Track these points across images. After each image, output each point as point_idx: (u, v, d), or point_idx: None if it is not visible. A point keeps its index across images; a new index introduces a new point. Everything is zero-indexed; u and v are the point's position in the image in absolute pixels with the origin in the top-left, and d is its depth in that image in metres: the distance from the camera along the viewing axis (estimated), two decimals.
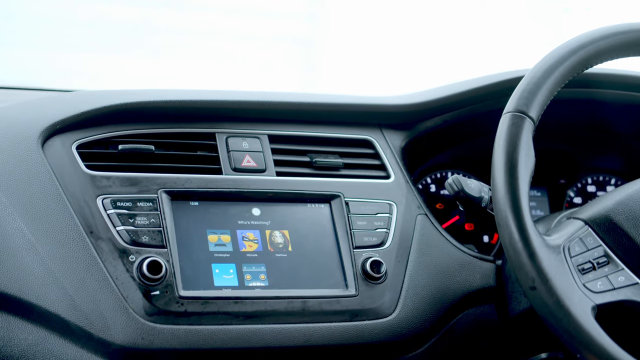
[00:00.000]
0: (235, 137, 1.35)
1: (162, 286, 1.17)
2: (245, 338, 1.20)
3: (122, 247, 1.18)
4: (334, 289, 1.26)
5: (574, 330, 1.04)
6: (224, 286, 1.21)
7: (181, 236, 1.22)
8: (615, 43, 1.18)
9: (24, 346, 1.17)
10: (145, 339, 1.15)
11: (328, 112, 1.44)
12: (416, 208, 1.39)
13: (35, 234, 1.18)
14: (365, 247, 1.31)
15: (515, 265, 1.06)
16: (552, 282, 1.05)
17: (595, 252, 1.16)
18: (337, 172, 1.38)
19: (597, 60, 1.18)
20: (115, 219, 1.20)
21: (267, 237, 1.27)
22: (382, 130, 1.46)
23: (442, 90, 1.52)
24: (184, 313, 1.18)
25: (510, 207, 1.05)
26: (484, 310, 1.38)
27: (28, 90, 1.82)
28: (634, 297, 1.13)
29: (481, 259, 1.40)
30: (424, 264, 1.34)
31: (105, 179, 1.23)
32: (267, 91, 1.46)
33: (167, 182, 1.25)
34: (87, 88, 1.81)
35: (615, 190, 1.25)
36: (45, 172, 1.22)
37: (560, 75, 1.15)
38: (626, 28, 1.18)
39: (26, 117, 1.29)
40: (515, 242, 1.05)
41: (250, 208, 1.28)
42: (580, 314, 1.05)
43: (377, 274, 1.28)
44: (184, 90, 1.39)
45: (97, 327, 1.15)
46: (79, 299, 1.16)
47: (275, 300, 1.22)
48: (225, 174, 1.31)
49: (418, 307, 1.31)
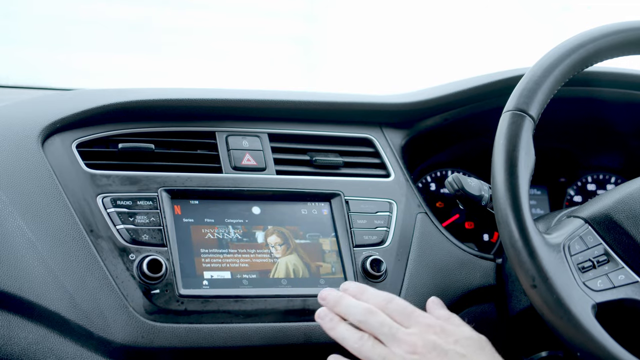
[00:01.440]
0: (235, 136, 1.35)
1: (162, 285, 1.17)
2: (246, 336, 1.20)
3: (122, 246, 1.18)
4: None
5: (574, 328, 1.04)
6: (224, 285, 1.21)
7: (181, 235, 1.22)
8: (615, 41, 1.17)
9: (24, 345, 1.17)
10: (146, 338, 1.15)
11: (328, 111, 1.44)
12: (416, 207, 1.39)
13: (35, 233, 1.18)
14: (366, 246, 1.31)
15: (515, 264, 1.06)
16: (552, 280, 1.05)
17: (595, 250, 1.16)
18: (337, 170, 1.38)
19: (597, 58, 1.18)
20: (115, 217, 1.20)
21: (267, 236, 1.27)
22: (382, 128, 1.46)
23: (442, 88, 1.52)
24: (184, 312, 1.18)
25: (510, 206, 1.05)
26: (484, 309, 1.38)
27: (28, 89, 1.82)
28: (634, 296, 1.13)
29: (481, 258, 1.40)
30: (424, 263, 1.34)
31: (105, 178, 1.23)
32: (267, 90, 1.46)
33: (167, 180, 1.25)
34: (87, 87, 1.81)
35: (615, 188, 1.25)
36: (45, 170, 1.22)
37: (560, 74, 1.15)
38: (626, 26, 1.18)
39: (26, 115, 1.29)
40: (516, 241, 1.05)
41: (250, 207, 1.28)
42: (580, 312, 1.05)
43: (377, 273, 1.28)
44: (184, 89, 1.39)
45: (97, 325, 1.15)
46: (79, 297, 1.16)
47: (275, 298, 1.22)
48: (226, 172, 1.31)
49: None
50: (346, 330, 1.12)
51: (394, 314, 1.12)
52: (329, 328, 1.14)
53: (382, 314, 1.12)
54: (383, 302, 1.14)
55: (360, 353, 1.10)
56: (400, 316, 1.12)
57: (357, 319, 1.12)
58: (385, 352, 1.08)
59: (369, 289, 1.17)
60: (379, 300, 1.14)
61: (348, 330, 1.12)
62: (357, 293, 1.16)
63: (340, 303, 1.15)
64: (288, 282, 1.25)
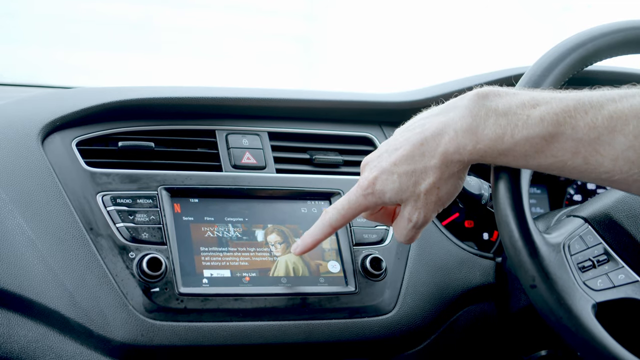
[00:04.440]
0: (235, 134, 1.35)
1: (161, 283, 1.17)
2: (245, 335, 1.20)
3: (122, 244, 1.18)
4: (334, 286, 1.26)
5: (574, 328, 1.03)
6: (224, 283, 1.21)
7: (181, 233, 1.22)
8: (615, 41, 1.17)
9: (23, 343, 1.17)
10: (145, 336, 1.15)
11: (328, 109, 1.44)
12: None
13: (35, 231, 1.18)
14: (365, 244, 1.31)
15: (515, 263, 1.06)
16: (552, 280, 1.05)
17: (595, 250, 1.16)
18: (336, 169, 1.38)
19: (597, 58, 1.18)
20: (115, 215, 1.20)
21: (267, 234, 1.27)
22: (382, 127, 1.46)
23: (442, 87, 1.52)
24: (183, 310, 1.18)
25: (510, 205, 1.05)
26: (484, 308, 1.38)
27: (28, 87, 1.82)
28: (634, 295, 1.13)
29: (481, 256, 1.41)
30: (424, 261, 1.34)
31: (105, 176, 1.23)
32: (267, 88, 1.46)
33: (167, 179, 1.25)
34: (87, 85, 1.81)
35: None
36: (45, 168, 1.22)
37: (559, 73, 1.15)
38: (626, 25, 1.18)
39: (26, 114, 1.29)
40: (515, 240, 1.05)
41: (250, 205, 1.28)
42: (580, 311, 1.04)
43: (377, 271, 1.28)
44: (184, 87, 1.39)
45: (96, 323, 1.15)
46: (79, 295, 1.16)
47: (275, 297, 1.22)
48: (225, 171, 1.31)
49: (418, 304, 1.31)
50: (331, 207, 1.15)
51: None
52: (316, 226, 1.17)
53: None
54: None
55: (357, 199, 1.11)
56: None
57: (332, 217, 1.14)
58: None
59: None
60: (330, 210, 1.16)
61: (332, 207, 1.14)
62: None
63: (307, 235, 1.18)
64: (288, 280, 1.25)
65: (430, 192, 1.05)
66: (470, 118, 0.99)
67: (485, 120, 0.99)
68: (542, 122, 0.96)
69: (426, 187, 1.04)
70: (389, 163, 1.06)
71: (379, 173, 1.07)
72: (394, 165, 1.05)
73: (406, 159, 1.05)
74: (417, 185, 1.05)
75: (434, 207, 1.07)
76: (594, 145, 0.94)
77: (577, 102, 0.95)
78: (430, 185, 1.04)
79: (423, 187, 1.05)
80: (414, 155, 1.04)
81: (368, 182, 1.08)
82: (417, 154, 1.04)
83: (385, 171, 1.06)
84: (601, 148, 0.94)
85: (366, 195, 1.09)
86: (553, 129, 0.95)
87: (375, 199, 1.09)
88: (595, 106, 0.95)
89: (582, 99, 0.96)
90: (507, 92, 1.01)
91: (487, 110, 0.99)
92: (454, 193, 1.06)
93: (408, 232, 1.10)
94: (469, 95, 1.01)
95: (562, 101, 0.97)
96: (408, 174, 1.05)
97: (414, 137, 1.04)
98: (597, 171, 0.95)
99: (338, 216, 1.14)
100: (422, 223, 1.08)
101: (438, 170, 1.03)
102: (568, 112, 0.95)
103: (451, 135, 1.01)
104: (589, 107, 0.95)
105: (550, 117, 0.96)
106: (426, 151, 1.03)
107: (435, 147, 1.02)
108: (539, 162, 0.98)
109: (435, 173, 1.03)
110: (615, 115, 0.93)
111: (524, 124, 0.97)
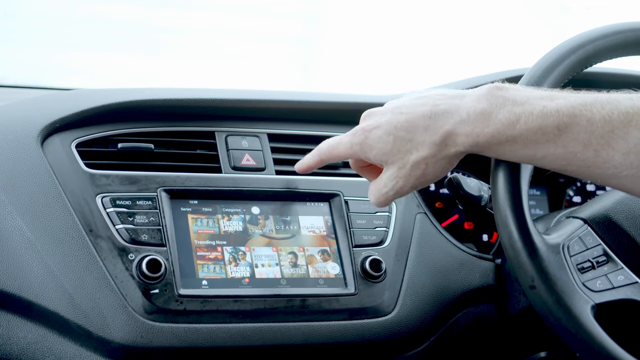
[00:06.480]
0: (234, 136, 1.35)
1: (161, 284, 1.17)
2: (245, 336, 1.20)
3: (122, 246, 1.18)
4: (333, 287, 1.26)
5: (574, 329, 1.04)
6: (224, 285, 1.21)
7: (180, 234, 1.22)
8: (615, 42, 1.17)
9: (23, 344, 1.17)
10: (145, 337, 1.15)
11: (328, 111, 1.44)
12: (415, 207, 1.39)
13: (34, 233, 1.18)
14: (365, 246, 1.31)
15: (514, 264, 1.06)
16: (552, 281, 1.05)
17: (595, 251, 1.17)
18: (336, 170, 1.38)
19: (597, 59, 1.18)
20: (114, 217, 1.20)
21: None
22: None
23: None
24: (183, 311, 1.17)
25: (509, 206, 1.05)
26: (483, 309, 1.38)
27: (27, 88, 1.82)
28: (633, 296, 1.13)
29: (480, 258, 1.41)
30: (424, 263, 1.34)
31: (104, 178, 1.23)
32: (266, 90, 1.46)
33: (167, 180, 1.25)
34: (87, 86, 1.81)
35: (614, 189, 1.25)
36: (45, 170, 1.22)
37: (559, 74, 1.15)
38: (625, 27, 1.18)
39: (25, 115, 1.29)
40: (515, 241, 1.05)
41: (250, 207, 1.28)
42: (579, 313, 1.05)
43: (376, 273, 1.28)
44: (184, 88, 1.39)
45: (96, 325, 1.15)
46: (78, 297, 1.16)
47: (274, 298, 1.22)
48: (225, 172, 1.31)
49: (417, 305, 1.31)
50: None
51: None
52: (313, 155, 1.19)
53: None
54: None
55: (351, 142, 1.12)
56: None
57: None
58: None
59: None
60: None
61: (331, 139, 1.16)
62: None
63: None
64: (287, 282, 1.25)
65: (417, 166, 1.05)
66: (486, 104, 1.00)
67: (501, 107, 1.00)
68: (558, 113, 0.97)
69: (416, 159, 1.05)
70: (389, 123, 1.06)
71: (375, 127, 1.08)
72: (394, 127, 1.06)
73: (408, 127, 1.05)
74: (408, 153, 1.05)
75: (415, 182, 1.07)
76: (607, 138, 0.95)
77: (594, 98, 0.97)
78: (420, 159, 1.04)
79: (413, 157, 1.05)
80: (416, 126, 1.04)
81: (360, 132, 1.09)
82: (420, 125, 1.04)
83: (383, 129, 1.07)
84: (614, 141, 0.94)
85: (352, 145, 1.10)
86: (568, 120, 0.96)
87: (359, 151, 1.10)
88: (612, 102, 0.96)
89: (600, 96, 0.97)
90: (525, 87, 1.03)
91: (504, 99, 1.00)
92: (438, 175, 1.06)
93: (380, 196, 1.10)
94: (486, 86, 1.03)
95: (580, 97, 0.98)
96: (404, 140, 1.05)
97: (423, 109, 1.04)
98: (605, 165, 0.96)
99: (327, 152, 1.16)
100: (397, 192, 1.08)
101: (435, 147, 1.03)
102: (585, 105, 0.96)
103: (463, 117, 1.01)
104: (606, 102, 0.96)
105: (567, 108, 0.97)
106: (430, 125, 1.03)
107: (442, 125, 1.03)
108: (547, 151, 0.98)
109: (431, 149, 1.04)
110: (632, 110, 0.95)
111: (539, 112, 0.97)
